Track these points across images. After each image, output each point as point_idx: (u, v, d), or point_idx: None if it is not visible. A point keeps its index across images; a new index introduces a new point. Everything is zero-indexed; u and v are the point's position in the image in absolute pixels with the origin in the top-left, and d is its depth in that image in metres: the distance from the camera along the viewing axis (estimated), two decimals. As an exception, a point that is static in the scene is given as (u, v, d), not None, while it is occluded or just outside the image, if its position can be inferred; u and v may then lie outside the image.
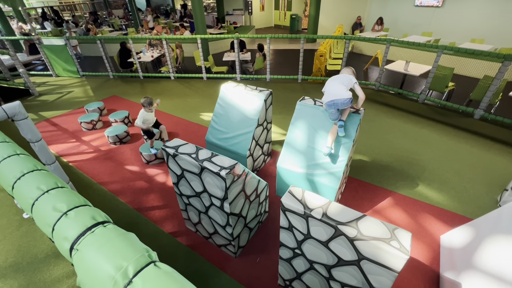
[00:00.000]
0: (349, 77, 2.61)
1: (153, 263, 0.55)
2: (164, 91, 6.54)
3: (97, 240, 0.60)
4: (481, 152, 3.91)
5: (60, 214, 0.70)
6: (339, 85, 2.54)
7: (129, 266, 0.53)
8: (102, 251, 0.57)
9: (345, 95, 2.47)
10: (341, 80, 2.58)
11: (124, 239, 0.60)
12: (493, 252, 1.86)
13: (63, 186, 0.83)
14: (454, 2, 9.10)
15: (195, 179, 2.18)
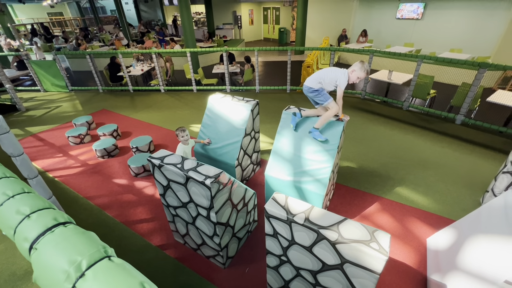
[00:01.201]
0: (338, 74, 2.54)
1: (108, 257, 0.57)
2: (154, 104, 6.57)
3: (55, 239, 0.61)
4: (463, 156, 4.04)
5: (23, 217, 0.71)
6: (316, 76, 2.60)
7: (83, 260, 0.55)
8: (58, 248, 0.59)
9: (309, 83, 2.59)
10: (323, 73, 2.59)
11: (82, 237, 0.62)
12: (474, 251, 1.91)
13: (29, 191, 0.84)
14: (432, 15, 9.60)
15: (181, 189, 2.18)
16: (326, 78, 2.57)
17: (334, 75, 2.55)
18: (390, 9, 10.65)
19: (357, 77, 2.51)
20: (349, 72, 2.51)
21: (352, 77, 2.52)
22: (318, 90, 2.57)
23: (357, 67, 2.49)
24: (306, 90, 2.68)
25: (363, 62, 2.49)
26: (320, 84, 2.59)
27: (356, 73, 2.49)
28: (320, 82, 2.58)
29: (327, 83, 2.58)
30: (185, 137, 3.07)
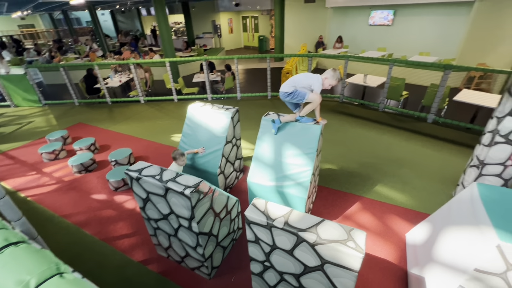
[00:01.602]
0: (312, 80, 2.61)
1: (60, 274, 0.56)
2: (134, 115, 6.43)
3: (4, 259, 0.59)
4: (435, 152, 4.27)
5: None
6: (291, 81, 2.67)
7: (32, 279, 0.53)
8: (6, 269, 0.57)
9: (284, 89, 2.67)
10: (297, 78, 2.67)
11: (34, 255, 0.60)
12: (446, 242, 2.01)
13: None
14: (402, 21, 10.16)
15: (161, 201, 2.14)
16: (301, 83, 2.64)
17: (309, 81, 2.63)
18: (362, 16, 11.17)
19: (329, 84, 2.62)
20: (323, 79, 2.61)
21: (325, 84, 2.62)
22: (292, 92, 2.64)
23: (330, 75, 2.59)
24: (282, 96, 2.75)
25: (335, 70, 2.60)
26: (293, 88, 2.65)
27: (329, 80, 2.60)
28: (294, 86, 2.65)
29: (301, 87, 2.65)
30: (184, 161, 3.02)
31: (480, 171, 2.87)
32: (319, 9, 11.67)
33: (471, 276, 1.65)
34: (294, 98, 2.69)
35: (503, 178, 2.77)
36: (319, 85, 2.59)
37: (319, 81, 2.58)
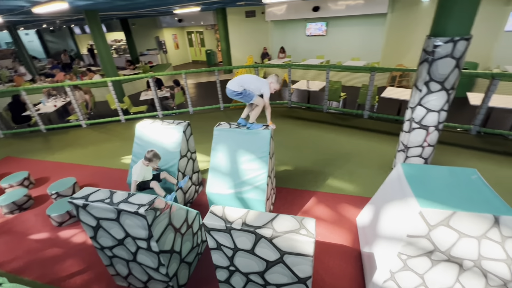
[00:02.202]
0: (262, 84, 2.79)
1: None
2: (75, 141, 5.87)
3: None
4: (373, 143, 4.84)
5: None
6: (239, 80, 2.81)
7: None
8: None
9: (232, 86, 2.80)
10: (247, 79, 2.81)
11: None
12: (385, 217, 2.32)
13: None
14: (334, 32, 11.37)
15: (114, 225, 2.02)
16: (251, 85, 2.79)
17: (259, 84, 2.81)
18: (300, 28, 12.18)
19: (274, 88, 2.85)
20: (269, 83, 2.82)
21: (271, 88, 2.83)
22: (241, 92, 2.79)
23: (274, 80, 2.82)
24: (230, 93, 2.87)
25: (277, 76, 2.83)
26: (242, 88, 2.79)
27: (273, 85, 2.83)
28: (242, 86, 2.79)
29: (252, 89, 2.80)
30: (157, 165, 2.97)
31: (406, 154, 3.38)
32: (260, 23, 12.36)
33: (405, 242, 1.93)
34: (242, 98, 2.84)
35: (423, 158, 3.31)
36: (268, 89, 2.79)
37: (267, 86, 2.79)
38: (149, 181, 2.95)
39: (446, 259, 1.89)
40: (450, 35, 2.60)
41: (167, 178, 3.08)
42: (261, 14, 12.05)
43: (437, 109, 2.94)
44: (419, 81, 2.97)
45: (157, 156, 2.90)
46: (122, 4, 5.93)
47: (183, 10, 9.02)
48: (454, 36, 2.58)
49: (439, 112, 2.96)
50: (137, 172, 2.85)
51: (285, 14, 11.44)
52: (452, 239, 1.84)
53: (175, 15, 14.17)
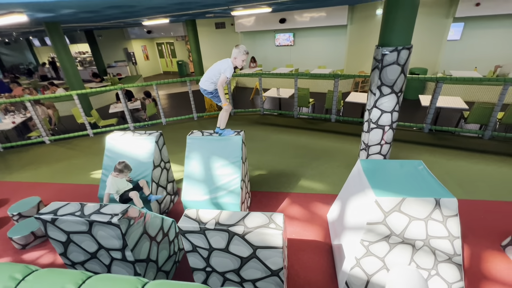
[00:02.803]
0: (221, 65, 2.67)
1: None
2: (38, 159, 5.53)
3: None
4: (340, 144, 5.18)
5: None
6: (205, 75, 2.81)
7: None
8: None
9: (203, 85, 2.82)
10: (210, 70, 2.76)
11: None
12: (349, 209, 2.53)
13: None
14: (301, 42, 11.99)
15: (86, 238, 2.00)
16: (213, 73, 2.78)
17: (218, 67, 2.74)
18: (269, 39, 12.68)
19: (241, 60, 2.71)
20: (232, 60, 2.72)
21: (237, 63, 2.72)
22: (212, 92, 2.89)
23: (236, 53, 2.67)
24: (202, 91, 2.95)
25: (237, 46, 2.69)
26: (213, 85, 2.82)
27: (239, 58, 2.69)
28: (213, 82, 2.81)
29: (216, 76, 2.77)
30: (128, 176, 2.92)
31: (368, 152, 3.69)
32: (230, 34, 12.66)
33: (366, 229, 2.14)
34: (213, 98, 2.96)
35: (382, 154, 3.64)
36: (228, 67, 2.67)
37: (228, 64, 2.68)
38: (129, 191, 2.91)
39: (401, 241, 2.13)
40: (394, 45, 2.97)
41: (144, 187, 3.07)
42: (230, 25, 12.37)
43: (389, 110, 3.29)
44: (372, 85, 3.31)
45: (128, 167, 2.89)
46: (86, 16, 5.82)
47: (152, 22, 8.99)
48: (397, 46, 2.95)
49: (391, 112, 3.31)
50: (109, 184, 2.82)
51: (254, 25, 11.87)
52: (404, 223, 2.08)
53: (144, 27, 14.01)
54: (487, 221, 3.09)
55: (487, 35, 8.60)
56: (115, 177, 2.84)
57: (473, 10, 7.54)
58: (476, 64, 8.77)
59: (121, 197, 2.87)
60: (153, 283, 0.86)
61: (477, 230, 2.97)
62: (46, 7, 3.96)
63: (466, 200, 3.46)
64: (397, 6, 2.83)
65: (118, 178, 2.84)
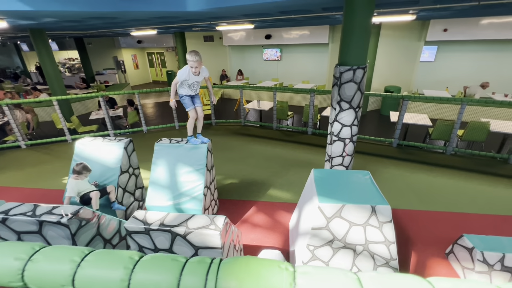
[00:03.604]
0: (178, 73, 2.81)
1: None
2: (11, 163, 5.47)
3: None
4: (312, 156, 5.38)
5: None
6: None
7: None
8: None
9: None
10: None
11: None
12: (301, 216, 2.67)
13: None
14: (288, 57, 12.43)
15: (37, 238, 2.05)
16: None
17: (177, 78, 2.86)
18: (257, 53, 13.10)
19: (194, 67, 2.75)
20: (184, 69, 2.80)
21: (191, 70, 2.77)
22: (182, 97, 3.05)
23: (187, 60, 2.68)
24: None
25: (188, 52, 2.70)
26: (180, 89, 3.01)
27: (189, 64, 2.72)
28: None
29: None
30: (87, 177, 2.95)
31: (331, 163, 3.88)
32: (218, 47, 13.03)
33: (311, 234, 2.28)
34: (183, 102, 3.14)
35: (344, 166, 3.83)
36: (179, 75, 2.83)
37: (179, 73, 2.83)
38: (89, 193, 2.96)
39: (343, 246, 2.27)
40: (350, 64, 3.23)
41: (111, 193, 3.12)
42: (219, 39, 12.75)
43: (349, 124, 3.52)
44: (333, 101, 3.54)
45: (86, 168, 2.93)
46: (70, 25, 5.96)
47: (140, 33, 9.21)
48: (353, 66, 3.21)
49: (351, 126, 3.53)
50: (69, 187, 2.87)
51: (242, 40, 12.29)
52: (345, 228, 2.23)
53: (133, 37, 14.24)
54: (437, 231, 3.28)
55: (458, 58, 9.22)
56: (75, 179, 2.89)
57: (442, 35, 8.12)
58: (448, 85, 9.32)
59: (81, 198, 2.92)
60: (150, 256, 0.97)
61: (426, 239, 3.15)
62: (27, 15, 4.09)
63: (421, 211, 3.66)
64: (351, 30, 3.10)
65: (78, 180, 2.89)
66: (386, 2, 3.90)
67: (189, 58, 2.69)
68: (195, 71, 2.80)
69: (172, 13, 4.60)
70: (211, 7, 4.03)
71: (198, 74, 2.89)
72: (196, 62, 2.69)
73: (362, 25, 3.06)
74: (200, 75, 2.94)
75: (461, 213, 3.60)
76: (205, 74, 3.02)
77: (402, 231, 3.27)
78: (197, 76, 2.91)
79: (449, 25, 7.97)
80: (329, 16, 6.15)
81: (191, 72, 2.83)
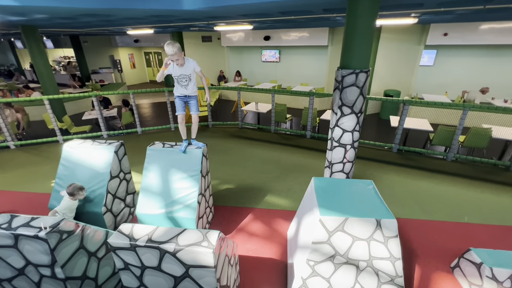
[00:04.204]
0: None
1: None
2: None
3: None
4: (311, 160, 5.24)
5: None
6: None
7: None
8: None
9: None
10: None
11: None
12: (300, 227, 2.52)
13: None
14: (286, 59, 12.34)
15: (12, 253, 1.87)
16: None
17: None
18: (256, 54, 12.99)
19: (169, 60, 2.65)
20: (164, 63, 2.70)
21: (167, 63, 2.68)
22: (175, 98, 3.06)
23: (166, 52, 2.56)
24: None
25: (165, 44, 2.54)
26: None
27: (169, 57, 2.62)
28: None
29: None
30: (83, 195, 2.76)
31: (331, 169, 3.74)
32: (216, 47, 12.89)
33: (311, 248, 2.13)
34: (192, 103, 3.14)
35: (345, 172, 3.70)
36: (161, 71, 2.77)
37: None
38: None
39: (345, 261, 2.12)
40: (353, 68, 3.10)
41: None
42: (217, 39, 12.61)
43: (350, 130, 3.38)
44: (334, 105, 3.41)
45: (77, 187, 2.75)
46: (63, 22, 5.77)
47: (136, 32, 9.03)
48: (355, 69, 3.08)
49: (352, 132, 3.40)
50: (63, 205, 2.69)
51: (240, 40, 12.16)
52: (348, 243, 2.08)
53: (130, 35, 14.04)
54: (441, 242, 3.15)
55: (457, 62, 9.18)
56: (71, 200, 2.69)
57: (442, 39, 8.06)
58: (447, 89, 9.28)
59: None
60: None
61: (430, 251, 3.02)
62: (16, 10, 3.91)
63: (424, 220, 3.54)
64: (354, 32, 2.98)
65: (75, 202, 2.70)
66: (390, 5, 3.78)
67: (167, 51, 2.54)
68: (177, 63, 2.67)
69: (167, 11, 4.44)
70: (208, 6, 3.88)
71: (183, 66, 2.72)
72: (175, 54, 2.55)
73: (365, 27, 2.93)
74: (186, 67, 2.75)
75: (464, 223, 3.48)
76: (195, 68, 2.85)
77: (404, 242, 3.14)
78: (182, 68, 2.73)
79: (450, 30, 7.92)
80: (330, 18, 6.04)
81: (175, 65, 2.70)
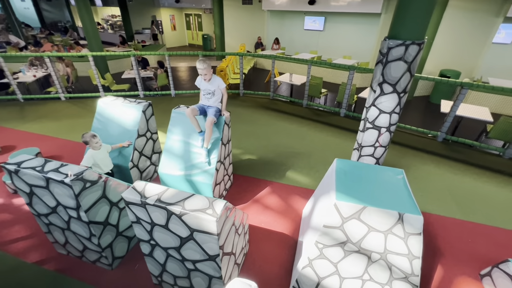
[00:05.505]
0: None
1: None
2: (50, 113, 5.86)
3: None
4: (341, 140, 4.92)
5: None
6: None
7: None
8: None
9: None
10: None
11: None
12: (316, 208, 2.41)
13: None
14: (330, 28, 11.25)
15: (46, 193, 2.09)
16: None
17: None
18: (298, 21, 12.03)
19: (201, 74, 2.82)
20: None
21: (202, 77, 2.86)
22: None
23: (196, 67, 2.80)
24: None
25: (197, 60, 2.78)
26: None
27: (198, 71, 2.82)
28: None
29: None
30: (99, 142, 2.80)
31: (360, 152, 3.46)
32: (256, 11, 12.17)
33: (322, 232, 2.03)
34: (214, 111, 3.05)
35: (375, 157, 3.40)
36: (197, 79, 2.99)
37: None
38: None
39: (357, 250, 2.00)
40: (403, 38, 2.64)
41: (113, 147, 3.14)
42: (258, 2, 11.85)
43: (388, 111, 3.01)
44: (373, 82, 3.02)
45: (90, 135, 2.75)
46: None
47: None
48: (406, 40, 2.62)
49: (390, 114, 3.03)
50: (85, 157, 2.76)
51: (283, 4, 11.28)
52: (363, 232, 1.94)
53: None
54: (474, 246, 2.83)
55: (544, 42, 7.49)
56: (92, 150, 2.83)
57: (530, 10, 6.53)
58: (523, 74, 7.76)
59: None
60: None
61: (459, 253, 2.73)
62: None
63: (459, 220, 3.18)
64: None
65: (94, 151, 2.83)
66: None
67: (197, 66, 2.78)
68: (204, 78, 2.84)
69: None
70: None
71: (209, 81, 2.88)
72: (204, 69, 2.76)
73: (428, -13, 2.41)
74: (212, 83, 2.91)
75: (508, 230, 3.05)
76: (219, 85, 2.96)
77: (431, 239, 2.88)
78: (208, 83, 2.90)
79: (544, -2, 6.34)
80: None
81: (202, 79, 2.89)
